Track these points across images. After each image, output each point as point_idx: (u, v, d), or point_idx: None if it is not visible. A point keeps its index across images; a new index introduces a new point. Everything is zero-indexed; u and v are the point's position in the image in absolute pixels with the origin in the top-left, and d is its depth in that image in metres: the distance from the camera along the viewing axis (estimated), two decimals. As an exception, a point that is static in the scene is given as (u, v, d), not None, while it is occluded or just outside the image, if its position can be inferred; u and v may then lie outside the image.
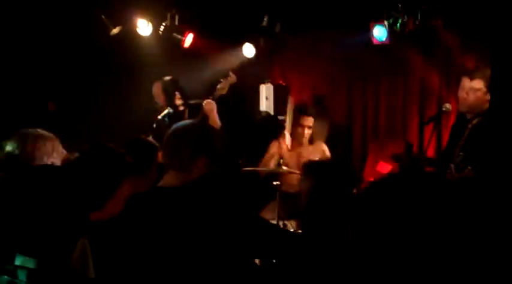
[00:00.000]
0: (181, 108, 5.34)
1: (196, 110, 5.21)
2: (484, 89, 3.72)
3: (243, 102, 6.60)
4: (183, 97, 5.44)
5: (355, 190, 4.79)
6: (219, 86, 5.36)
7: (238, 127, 6.83)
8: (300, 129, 5.15)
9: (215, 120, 5.01)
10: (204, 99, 5.25)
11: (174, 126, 2.67)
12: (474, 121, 3.80)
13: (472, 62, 4.87)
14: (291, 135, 5.22)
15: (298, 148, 5.19)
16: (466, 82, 3.79)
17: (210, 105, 5.01)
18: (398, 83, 6.09)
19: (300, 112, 5.28)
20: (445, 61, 5.49)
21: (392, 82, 6.13)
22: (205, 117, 5.02)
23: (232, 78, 5.39)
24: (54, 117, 6.21)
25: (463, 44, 5.34)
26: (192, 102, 5.49)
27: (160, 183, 2.60)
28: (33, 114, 5.82)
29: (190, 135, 2.56)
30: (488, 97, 3.70)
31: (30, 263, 1.66)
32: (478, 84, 3.74)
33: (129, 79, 6.27)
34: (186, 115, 5.27)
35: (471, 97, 3.77)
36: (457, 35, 5.30)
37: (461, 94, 3.83)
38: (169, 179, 2.55)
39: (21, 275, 1.66)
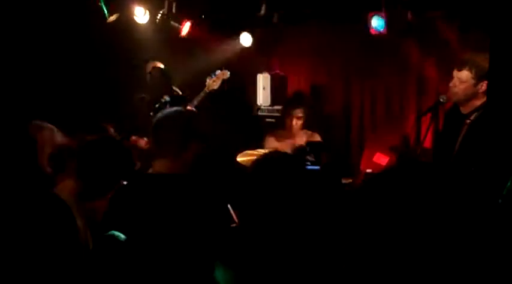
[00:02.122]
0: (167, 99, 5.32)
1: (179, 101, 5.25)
2: (472, 80, 3.60)
3: (239, 92, 6.59)
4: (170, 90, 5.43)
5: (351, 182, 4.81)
6: (210, 81, 5.36)
7: (235, 118, 6.82)
8: (290, 120, 5.16)
9: None
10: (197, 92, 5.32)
11: (161, 114, 2.71)
12: (472, 117, 3.70)
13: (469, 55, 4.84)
14: (284, 125, 5.22)
15: (293, 139, 5.18)
16: (454, 73, 3.71)
17: None
18: (396, 75, 6.07)
19: (291, 102, 5.32)
20: (443, 53, 5.46)
21: (390, 73, 6.11)
22: None
23: (225, 73, 5.40)
24: (48, 103, 6.18)
25: (461, 36, 5.32)
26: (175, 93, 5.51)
27: (151, 170, 2.63)
28: (27, 101, 5.79)
29: (179, 122, 2.61)
30: (478, 89, 3.61)
31: None
32: (465, 75, 3.63)
33: (125, 68, 6.24)
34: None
35: (459, 88, 3.66)
36: (455, 27, 5.27)
37: (451, 85, 3.75)
38: (159, 166, 2.59)
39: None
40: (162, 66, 5.78)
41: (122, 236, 2.11)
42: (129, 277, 2.13)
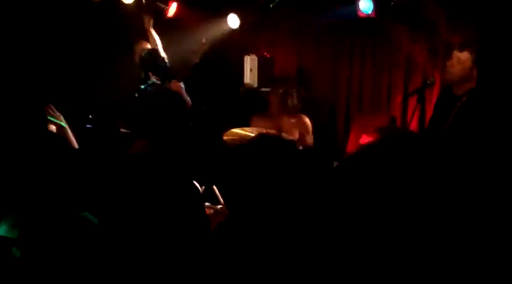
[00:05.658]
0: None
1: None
2: (470, 63, 3.77)
3: (226, 74, 6.55)
4: (159, 73, 5.35)
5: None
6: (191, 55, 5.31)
7: (222, 99, 6.80)
8: (278, 100, 5.06)
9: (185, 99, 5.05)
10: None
11: (143, 95, 2.74)
12: (463, 99, 3.82)
13: (458, 36, 4.86)
14: (272, 106, 5.13)
15: (280, 120, 5.10)
16: (455, 53, 3.85)
17: (175, 86, 5.00)
18: (384, 56, 6.07)
19: (279, 82, 5.22)
20: (431, 35, 5.47)
21: (377, 55, 6.11)
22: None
23: (204, 44, 5.32)
24: (32, 87, 6.11)
25: (449, 17, 5.32)
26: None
27: (130, 151, 2.64)
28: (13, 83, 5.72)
29: (160, 104, 2.64)
30: (473, 73, 3.75)
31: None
32: (465, 56, 3.80)
33: (111, 48, 6.18)
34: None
35: (457, 68, 3.83)
36: (444, 8, 5.27)
37: (449, 64, 3.87)
38: (139, 147, 2.61)
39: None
40: (149, 46, 5.72)
41: (95, 219, 2.09)
42: (102, 258, 2.11)
